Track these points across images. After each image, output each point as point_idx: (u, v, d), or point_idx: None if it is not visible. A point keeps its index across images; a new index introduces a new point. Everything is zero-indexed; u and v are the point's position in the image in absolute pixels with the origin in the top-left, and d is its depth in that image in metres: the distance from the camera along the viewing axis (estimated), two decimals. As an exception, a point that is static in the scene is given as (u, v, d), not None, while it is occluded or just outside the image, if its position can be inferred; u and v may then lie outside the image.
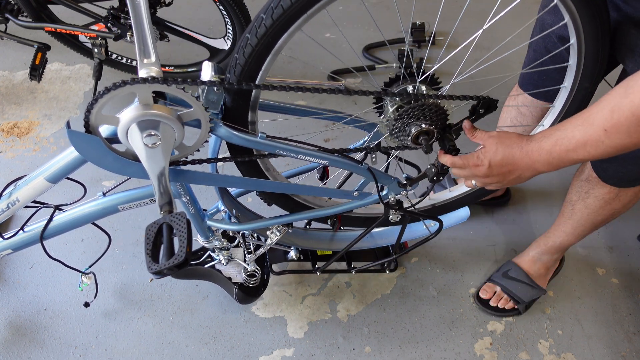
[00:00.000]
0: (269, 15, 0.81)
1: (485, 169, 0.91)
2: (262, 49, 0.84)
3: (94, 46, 1.80)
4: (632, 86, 0.69)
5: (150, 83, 0.78)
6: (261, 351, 1.39)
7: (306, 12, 0.81)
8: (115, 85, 0.77)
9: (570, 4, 0.88)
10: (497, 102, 0.98)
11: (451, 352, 1.41)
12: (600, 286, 1.56)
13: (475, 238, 1.67)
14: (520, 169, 0.88)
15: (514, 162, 0.88)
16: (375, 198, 1.20)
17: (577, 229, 1.35)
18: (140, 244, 1.61)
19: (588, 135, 0.75)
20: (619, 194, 1.20)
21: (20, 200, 1.00)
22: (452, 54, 1.03)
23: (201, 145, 0.93)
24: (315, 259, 1.45)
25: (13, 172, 1.80)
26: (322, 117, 1.10)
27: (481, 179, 0.95)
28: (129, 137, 0.84)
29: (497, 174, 0.91)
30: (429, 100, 0.97)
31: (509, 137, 0.89)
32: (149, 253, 0.89)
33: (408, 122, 1.00)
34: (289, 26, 0.82)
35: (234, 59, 0.87)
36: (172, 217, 0.92)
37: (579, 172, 1.28)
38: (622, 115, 0.69)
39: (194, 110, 0.85)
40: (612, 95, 0.72)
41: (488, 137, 0.92)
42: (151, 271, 0.86)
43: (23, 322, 1.43)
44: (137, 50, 0.80)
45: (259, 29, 0.82)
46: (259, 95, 0.92)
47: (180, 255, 0.86)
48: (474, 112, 0.99)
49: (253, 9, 1.97)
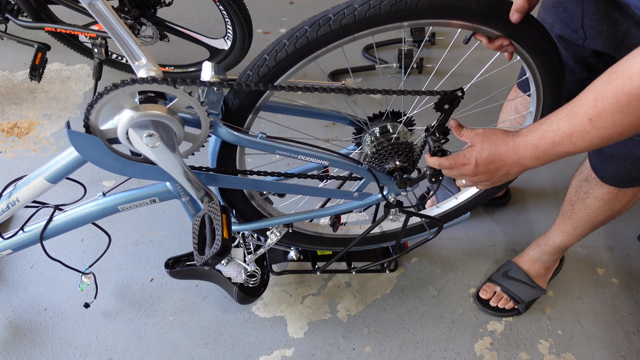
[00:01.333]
0: (315, 30, 0.84)
1: (472, 168, 0.91)
2: (296, 57, 0.87)
3: (94, 46, 1.81)
4: (616, 72, 0.67)
5: (158, 84, 0.78)
6: (261, 351, 1.39)
7: (353, 34, 0.85)
8: (115, 86, 0.77)
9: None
10: (462, 96, 0.98)
11: (451, 352, 1.41)
12: (600, 286, 1.56)
13: (475, 238, 1.67)
14: (507, 165, 0.88)
15: (501, 159, 0.87)
16: (374, 198, 1.21)
17: (577, 229, 1.35)
18: (140, 244, 1.61)
19: (573, 126, 0.74)
20: (618, 194, 1.20)
21: (20, 200, 1.00)
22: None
23: (201, 145, 0.93)
24: (315, 259, 1.45)
25: (13, 172, 1.80)
26: (322, 117, 1.11)
27: (469, 178, 0.95)
28: (130, 138, 0.84)
29: (484, 172, 0.91)
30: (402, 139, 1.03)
31: (495, 134, 0.88)
32: (195, 247, 0.90)
33: (385, 157, 1.06)
34: (329, 43, 0.86)
35: (263, 59, 0.88)
36: (210, 206, 0.93)
37: (578, 172, 1.28)
38: (606, 102, 0.68)
39: (194, 110, 0.85)
40: (596, 84, 0.70)
41: (474, 135, 0.91)
42: (198, 264, 0.87)
43: (23, 322, 1.43)
44: (126, 56, 0.80)
45: (300, 39, 0.85)
46: (269, 98, 0.94)
47: (217, 244, 0.86)
48: (438, 108, 1.00)
49: (253, 8, 1.97)
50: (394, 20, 0.84)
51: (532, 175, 1.81)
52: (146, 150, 0.85)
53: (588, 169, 1.22)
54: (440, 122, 1.02)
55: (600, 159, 1.15)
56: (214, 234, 0.90)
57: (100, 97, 0.78)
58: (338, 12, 0.84)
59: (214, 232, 0.90)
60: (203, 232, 0.92)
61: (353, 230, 1.40)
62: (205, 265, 0.88)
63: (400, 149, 1.08)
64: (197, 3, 2.55)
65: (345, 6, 0.84)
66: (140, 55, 0.80)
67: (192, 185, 0.94)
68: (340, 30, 0.84)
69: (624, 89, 0.65)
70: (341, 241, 1.38)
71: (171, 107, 0.83)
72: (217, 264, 0.88)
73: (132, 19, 1.78)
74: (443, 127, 1.04)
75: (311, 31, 0.84)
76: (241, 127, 0.94)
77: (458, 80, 1.19)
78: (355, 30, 0.85)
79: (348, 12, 0.83)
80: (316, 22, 0.84)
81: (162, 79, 0.78)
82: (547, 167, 1.88)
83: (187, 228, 1.65)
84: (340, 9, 0.84)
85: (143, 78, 0.77)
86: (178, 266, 1.35)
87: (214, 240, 0.89)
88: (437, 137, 1.03)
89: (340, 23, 0.83)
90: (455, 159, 0.95)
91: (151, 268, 1.55)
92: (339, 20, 0.83)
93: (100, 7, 0.76)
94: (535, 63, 0.97)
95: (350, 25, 0.83)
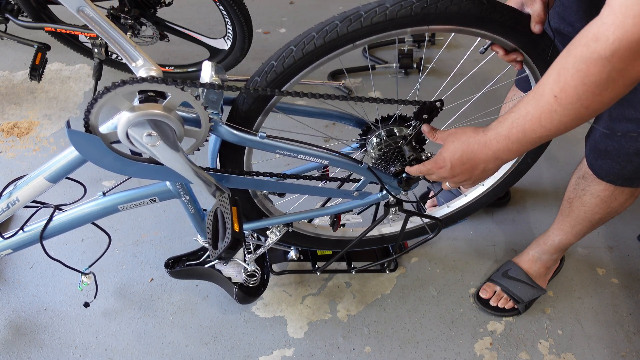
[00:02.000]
0: (322, 37, 0.85)
1: (449, 170, 0.91)
2: (303, 63, 0.88)
3: (94, 46, 1.81)
4: (573, 43, 0.66)
5: (149, 82, 0.78)
6: (261, 351, 1.39)
7: (356, 41, 0.86)
8: (115, 85, 0.77)
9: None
10: (441, 107, 0.99)
11: (451, 352, 1.41)
12: (600, 286, 1.56)
13: (475, 238, 1.67)
14: (482, 162, 0.87)
15: (474, 157, 0.86)
16: (374, 198, 1.21)
17: (575, 227, 1.34)
18: (140, 244, 1.61)
19: (540, 107, 0.72)
20: (614, 191, 1.19)
21: (20, 200, 1.00)
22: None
23: (201, 144, 0.93)
24: (315, 259, 1.46)
25: (13, 172, 1.80)
26: (322, 117, 1.11)
27: (449, 180, 0.95)
28: (131, 139, 0.84)
29: (460, 172, 0.90)
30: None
31: (464, 133, 0.88)
32: (209, 242, 0.90)
33: (392, 158, 1.07)
34: (334, 50, 0.87)
35: (270, 65, 0.89)
36: (221, 200, 0.93)
37: (577, 169, 1.28)
38: (568, 74, 0.66)
39: (194, 110, 0.85)
40: (557, 60, 0.69)
41: (447, 136, 0.91)
42: (213, 259, 0.87)
43: (23, 322, 1.43)
44: (124, 59, 0.80)
45: (308, 45, 0.86)
46: (278, 101, 0.94)
47: (227, 237, 0.86)
48: (417, 118, 1.01)
49: (253, 8, 1.97)
50: (421, 22, 0.85)
51: (532, 175, 1.81)
52: (149, 150, 0.85)
53: (585, 166, 1.22)
54: (418, 131, 1.03)
55: (596, 155, 1.15)
56: (226, 227, 0.90)
57: (95, 101, 0.78)
58: (370, 9, 0.84)
59: (225, 226, 0.90)
60: (216, 226, 0.92)
61: (352, 232, 1.40)
62: (220, 260, 0.87)
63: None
64: (197, 3, 2.55)
65: (377, 4, 0.84)
66: (136, 57, 0.80)
67: (202, 180, 0.93)
68: (370, 27, 0.84)
69: (583, 56, 0.64)
70: (340, 242, 1.38)
71: (167, 105, 0.83)
72: (231, 257, 0.87)
73: (132, 19, 1.78)
74: (420, 136, 1.05)
75: (342, 26, 0.84)
76: (250, 128, 0.95)
77: (457, 80, 1.20)
78: (384, 30, 0.85)
79: (380, 10, 0.83)
80: (347, 18, 0.85)
81: (153, 77, 0.78)
82: (547, 167, 1.88)
83: (187, 228, 1.65)
84: (372, 7, 0.84)
85: (133, 78, 0.77)
86: (178, 266, 1.35)
87: (226, 234, 0.89)
88: (413, 146, 1.04)
89: (372, 20, 0.84)
90: (431, 164, 0.95)
91: (151, 268, 1.55)
92: (370, 17, 0.84)
93: (90, 12, 0.76)
94: (535, 62, 0.98)
95: (380, 24, 0.84)
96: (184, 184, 1.04)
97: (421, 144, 1.08)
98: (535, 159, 1.27)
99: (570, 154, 1.92)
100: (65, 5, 0.74)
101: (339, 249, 1.37)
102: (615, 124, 1.05)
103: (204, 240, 1.23)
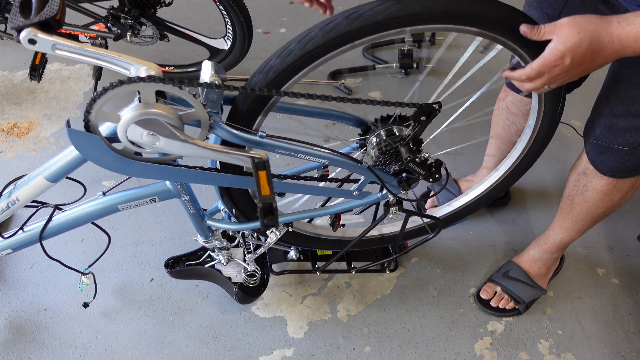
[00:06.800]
0: (322, 34, 0.85)
1: (567, 66, 0.81)
2: (303, 62, 0.87)
3: (93, 46, 1.80)
4: None
5: (149, 82, 0.78)
6: (261, 351, 1.39)
7: (355, 40, 0.86)
8: (114, 85, 0.77)
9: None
10: (439, 109, 0.99)
11: (451, 352, 1.41)
12: (600, 286, 1.56)
13: (475, 238, 1.67)
14: (603, 56, 0.79)
15: (601, 49, 0.78)
16: (374, 197, 1.20)
17: (577, 223, 1.34)
18: (140, 244, 1.61)
19: None
20: (617, 184, 1.19)
21: (20, 199, 1.00)
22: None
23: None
24: (315, 259, 1.45)
25: (13, 172, 1.80)
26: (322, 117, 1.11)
27: (560, 78, 0.85)
28: (133, 140, 0.84)
29: (578, 65, 0.81)
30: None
31: (590, 22, 0.77)
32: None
33: (392, 158, 1.07)
34: (336, 48, 0.86)
35: (270, 65, 0.89)
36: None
37: (575, 166, 1.28)
38: None
39: (194, 109, 0.85)
40: None
41: (561, 27, 0.80)
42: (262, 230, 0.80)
43: (23, 322, 1.43)
44: (118, 71, 0.80)
45: (308, 44, 0.85)
46: (277, 100, 0.94)
47: (259, 206, 0.80)
48: (415, 120, 1.00)
49: (253, 8, 1.97)
50: (434, 21, 0.84)
51: (532, 175, 1.81)
52: (158, 147, 0.85)
53: (585, 162, 1.21)
54: (415, 133, 1.03)
55: (598, 151, 1.15)
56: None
57: (94, 101, 0.78)
58: (370, 8, 0.84)
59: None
60: None
61: (352, 232, 1.40)
62: (265, 229, 0.83)
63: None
64: (197, 3, 2.55)
65: (377, 3, 0.84)
66: (128, 65, 0.80)
67: (231, 156, 0.90)
68: (371, 27, 0.84)
69: None
70: (340, 242, 1.38)
71: (166, 104, 0.83)
72: (273, 224, 0.83)
73: (132, 19, 1.78)
74: (417, 137, 1.05)
75: (342, 25, 0.84)
76: (250, 128, 0.95)
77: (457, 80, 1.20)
78: (396, 25, 0.84)
79: (380, 9, 0.83)
80: (347, 17, 0.84)
81: (151, 77, 0.77)
82: (547, 167, 1.88)
83: (187, 228, 1.65)
84: (372, 6, 0.84)
85: (132, 78, 0.77)
86: (178, 266, 1.35)
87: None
88: (410, 148, 1.04)
89: (372, 20, 0.83)
90: (544, 63, 0.83)
91: (151, 268, 1.55)
92: (371, 16, 0.83)
93: (64, 45, 0.74)
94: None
95: (380, 24, 0.84)
96: (183, 184, 1.04)
97: (418, 145, 1.07)
98: (535, 158, 1.27)
99: (570, 154, 1.92)
100: (39, 50, 0.74)
101: (339, 249, 1.36)
102: (619, 120, 1.05)
103: (203, 240, 1.23)
